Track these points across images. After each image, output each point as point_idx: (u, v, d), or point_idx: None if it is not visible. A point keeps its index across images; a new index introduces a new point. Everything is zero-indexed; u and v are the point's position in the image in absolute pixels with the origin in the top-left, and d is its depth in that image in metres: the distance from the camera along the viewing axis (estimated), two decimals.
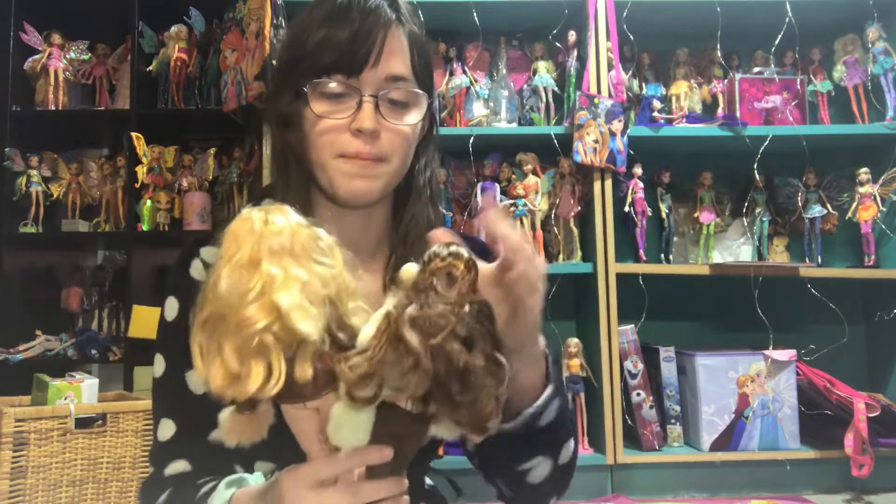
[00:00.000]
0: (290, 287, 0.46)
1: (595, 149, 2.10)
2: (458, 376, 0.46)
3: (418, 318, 0.46)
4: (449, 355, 0.45)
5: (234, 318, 0.45)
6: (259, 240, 0.48)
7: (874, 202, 2.17)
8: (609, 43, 2.17)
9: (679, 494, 2.06)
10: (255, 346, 0.44)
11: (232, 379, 0.45)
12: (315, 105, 0.76)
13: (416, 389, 0.46)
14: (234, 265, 0.46)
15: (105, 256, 2.65)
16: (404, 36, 0.78)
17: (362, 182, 0.76)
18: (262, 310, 0.45)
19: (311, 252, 0.49)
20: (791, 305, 2.21)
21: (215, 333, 0.45)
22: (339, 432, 0.49)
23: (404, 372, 0.45)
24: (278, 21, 2.05)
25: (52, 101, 2.40)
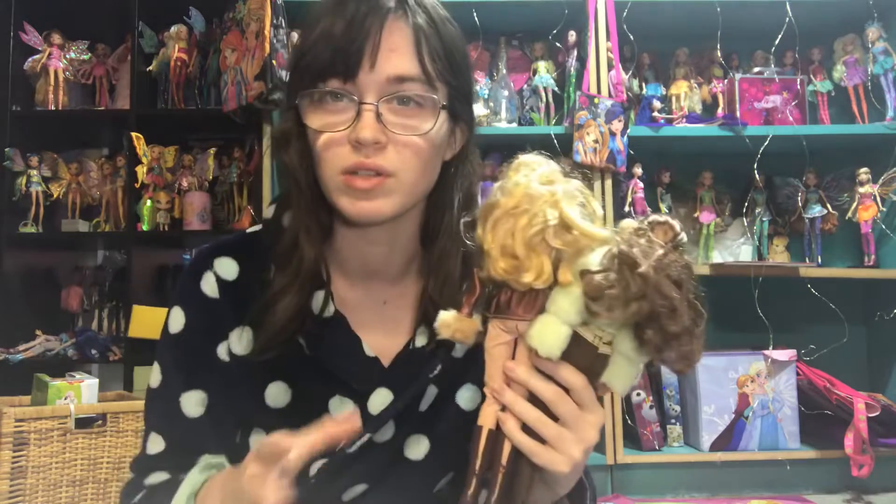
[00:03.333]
0: (572, 204, 0.56)
1: (595, 149, 2.10)
2: (672, 308, 0.53)
3: (648, 251, 0.53)
4: (666, 290, 0.52)
5: (529, 214, 0.54)
6: (550, 170, 0.59)
7: (874, 202, 2.16)
8: (609, 43, 2.17)
9: (679, 494, 2.06)
10: (540, 241, 0.54)
11: (514, 266, 0.54)
12: (310, 118, 0.68)
13: (636, 313, 0.53)
14: (533, 179, 0.57)
15: (105, 256, 2.65)
16: (408, 27, 0.67)
17: (367, 204, 0.67)
18: (547, 215, 0.54)
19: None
20: (791, 305, 2.21)
21: (509, 225, 0.54)
22: (543, 337, 0.55)
23: (631, 297, 0.52)
24: (278, 21, 2.05)
25: (52, 101, 2.40)
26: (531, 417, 0.57)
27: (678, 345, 0.54)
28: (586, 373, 0.58)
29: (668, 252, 0.54)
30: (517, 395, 0.57)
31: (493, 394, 0.59)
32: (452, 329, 0.60)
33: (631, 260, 0.53)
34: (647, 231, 0.55)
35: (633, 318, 0.54)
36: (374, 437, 0.73)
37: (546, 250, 0.54)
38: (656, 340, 0.54)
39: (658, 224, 0.56)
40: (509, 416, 0.57)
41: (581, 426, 0.57)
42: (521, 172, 0.58)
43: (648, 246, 0.54)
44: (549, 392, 0.57)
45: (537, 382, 0.57)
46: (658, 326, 0.53)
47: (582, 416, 0.58)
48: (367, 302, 0.77)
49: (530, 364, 0.57)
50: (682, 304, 0.53)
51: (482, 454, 0.59)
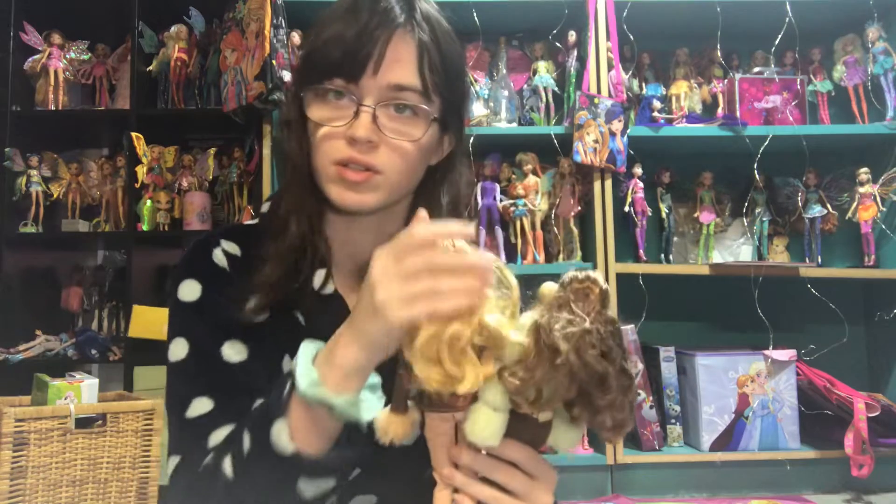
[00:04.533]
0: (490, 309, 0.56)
1: (595, 149, 2.10)
2: (600, 383, 0.53)
3: (568, 332, 0.52)
4: (593, 365, 0.52)
5: (449, 334, 0.54)
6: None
7: (874, 202, 2.17)
8: (609, 43, 2.17)
9: (679, 494, 2.06)
10: (465, 352, 0.54)
11: (447, 379, 0.54)
12: (313, 110, 0.73)
13: (565, 394, 0.53)
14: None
15: (105, 256, 2.65)
16: (413, 41, 0.72)
17: (355, 195, 0.72)
18: (469, 327, 0.54)
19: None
20: (791, 305, 2.21)
21: (434, 347, 0.54)
22: (480, 431, 0.56)
23: (557, 379, 0.52)
24: (278, 21, 2.05)
25: (52, 101, 2.40)
26: (486, 495, 0.59)
27: (608, 415, 0.54)
28: (531, 443, 0.59)
29: (594, 321, 0.53)
30: (467, 477, 0.59)
31: (443, 479, 0.61)
32: (390, 434, 0.60)
33: (551, 348, 0.52)
34: (569, 296, 0.54)
35: (562, 399, 0.54)
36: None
37: (468, 354, 0.54)
38: (586, 415, 0.55)
39: (577, 283, 0.55)
40: (465, 498, 0.59)
41: (536, 494, 0.60)
42: None
43: (569, 321, 0.53)
44: (498, 473, 0.59)
45: (484, 465, 0.59)
46: (586, 402, 0.54)
47: (534, 485, 0.60)
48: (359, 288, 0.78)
49: (473, 448, 0.59)
50: (611, 375, 0.53)
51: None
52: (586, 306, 0.54)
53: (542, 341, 0.53)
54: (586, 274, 0.55)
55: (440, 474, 0.61)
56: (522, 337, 0.55)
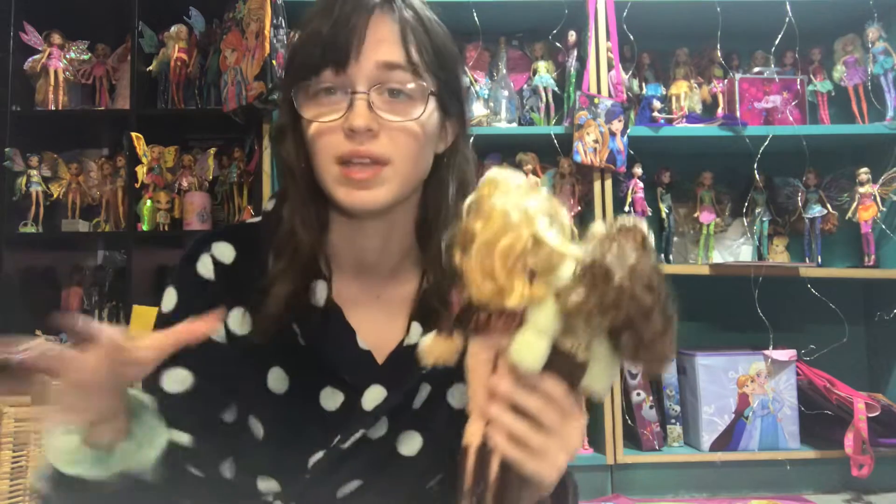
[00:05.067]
0: (544, 220, 0.57)
1: (595, 149, 2.10)
2: (647, 314, 0.54)
3: (621, 260, 0.54)
4: (640, 297, 0.54)
5: (503, 244, 0.55)
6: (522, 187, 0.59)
7: (874, 202, 2.17)
8: (609, 43, 2.17)
9: (679, 494, 2.06)
10: (517, 266, 0.55)
11: (497, 291, 0.55)
12: (305, 109, 0.70)
13: (612, 322, 0.54)
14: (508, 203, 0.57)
15: (105, 256, 2.65)
16: (395, 22, 0.70)
17: (364, 193, 0.69)
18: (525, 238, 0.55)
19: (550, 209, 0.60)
20: (791, 305, 2.21)
21: (490, 254, 0.55)
22: (524, 354, 0.57)
23: (606, 308, 0.54)
24: (278, 21, 2.05)
25: (52, 101, 2.40)
26: (518, 430, 0.58)
27: (652, 348, 0.56)
28: (567, 380, 0.59)
29: (640, 257, 0.55)
30: (502, 409, 0.59)
31: (477, 410, 0.61)
32: (434, 356, 0.62)
33: (604, 271, 0.54)
34: (617, 237, 0.56)
35: (610, 326, 0.55)
36: (367, 433, 0.74)
37: (523, 271, 0.56)
38: (631, 345, 0.56)
39: (626, 229, 0.57)
40: (497, 430, 0.59)
41: (565, 434, 0.59)
42: (495, 193, 0.59)
43: (620, 253, 0.55)
44: (533, 404, 0.58)
45: (522, 396, 0.58)
46: (632, 332, 0.55)
47: (565, 423, 0.59)
48: (362, 297, 0.78)
49: (513, 378, 0.59)
50: (656, 308, 0.55)
51: (472, 473, 0.60)
52: (634, 246, 0.56)
53: (595, 267, 0.54)
54: (634, 221, 0.57)
55: (476, 405, 0.61)
56: (579, 251, 0.56)
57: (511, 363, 0.58)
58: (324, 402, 0.74)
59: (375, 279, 0.78)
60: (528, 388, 0.58)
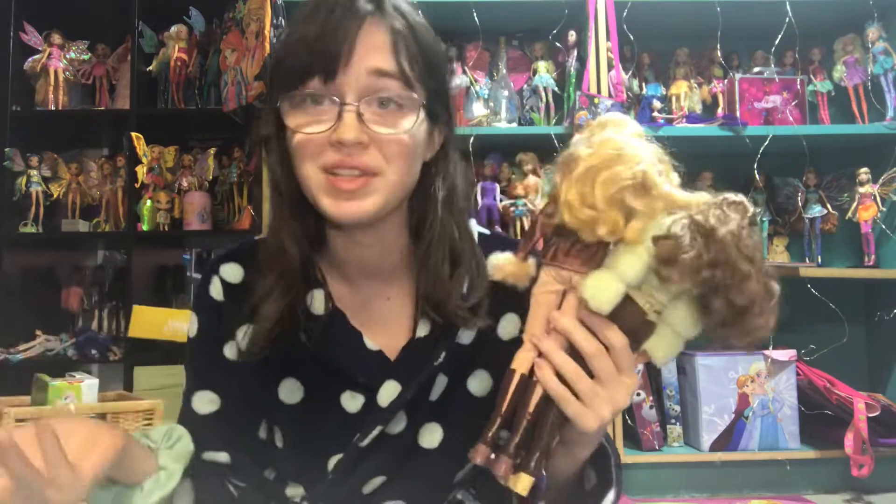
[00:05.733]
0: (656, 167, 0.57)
1: None
2: (741, 281, 0.53)
3: (724, 220, 0.54)
4: (738, 261, 0.53)
5: (610, 172, 0.54)
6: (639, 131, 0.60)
7: (874, 202, 2.16)
8: (609, 43, 2.17)
9: (679, 494, 2.06)
10: (620, 198, 0.54)
11: (592, 217, 0.55)
12: (290, 118, 0.68)
13: (706, 282, 0.53)
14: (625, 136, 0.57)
15: (105, 256, 2.65)
16: (386, 30, 0.68)
17: (351, 204, 0.67)
18: (633, 173, 0.55)
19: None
20: (791, 305, 2.18)
21: (593, 180, 0.55)
22: (599, 292, 0.56)
23: (703, 265, 0.53)
24: (278, 21, 2.05)
25: (52, 101, 2.40)
26: (569, 368, 0.58)
27: (744, 318, 0.55)
28: (630, 336, 0.58)
29: (744, 227, 0.54)
30: (557, 344, 0.59)
31: (532, 340, 0.60)
32: (505, 272, 0.62)
33: (708, 227, 0.53)
34: (723, 205, 0.56)
35: (701, 286, 0.54)
36: (385, 429, 0.75)
37: (622, 207, 0.55)
38: (723, 311, 0.54)
39: (732, 203, 0.56)
40: (545, 363, 0.59)
41: (615, 386, 0.59)
42: (610, 129, 0.58)
43: (724, 216, 0.54)
44: (590, 346, 0.58)
45: (580, 335, 0.58)
46: (725, 298, 0.54)
47: (618, 376, 0.59)
48: (368, 300, 0.78)
49: (576, 316, 0.58)
50: (753, 277, 0.54)
51: (510, 397, 0.60)
52: (739, 217, 0.56)
53: (699, 223, 0.53)
54: (740, 196, 0.57)
55: (531, 334, 0.61)
56: (689, 197, 0.56)
57: (581, 299, 0.57)
58: (346, 405, 0.75)
59: (378, 282, 0.79)
60: (588, 330, 0.58)
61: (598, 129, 0.58)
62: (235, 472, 0.76)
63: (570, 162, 0.57)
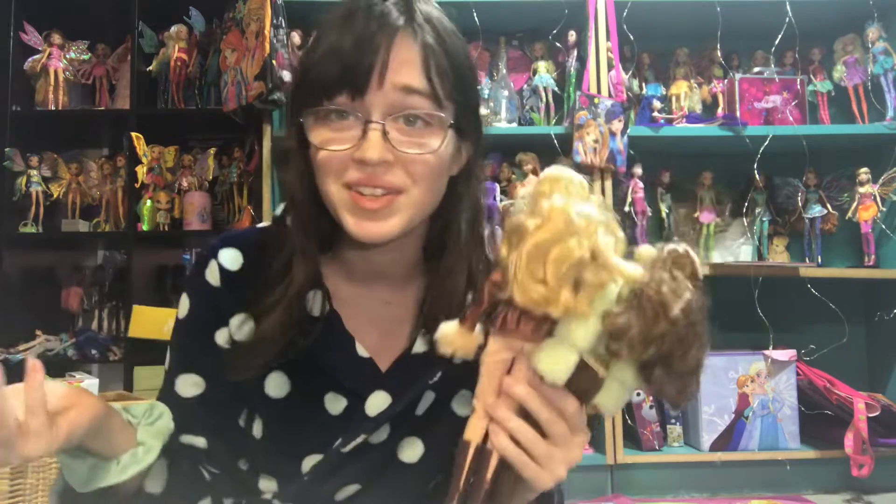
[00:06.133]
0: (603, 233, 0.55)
1: (595, 149, 2.10)
2: (686, 349, 0.53)
3: (678, 293, 0.53)
4: (685, 334, 0.53)
5: (560, 247, 0.53)
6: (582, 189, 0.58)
7: (874, 202, 2.17)
8: (609, 43, 2.17)
9: (679, 494, 2.06)
10: (569, 274, 0.54)
11: (544, 297, 0.54)
12: (314, 133, 0.67)
13: (651, 354, 0.54)
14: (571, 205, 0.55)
15: (105, 256, 2.65)
16: (417, 44, 0.66)
17: (374, 225, 0.66)
18: (584, 247, 0.54)
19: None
20: (791, 305, 2.21)
21: (543, 257, 0.54)
22: (553, 365, 0.56)
23: (651, 340, 0.53)
24: (278, 21, 2.05)
25: (52, 101, 2.40)
26: (525, 435, 0.58)
27: (682, 384, 0.55)
28: (582, 396, 0.59)
29: (693, 292, 0.54)
30: (511, 412, 0.59)
31: (485, 408, 0.60)
32: (455, 346, 0.61)
33: (662, 303, 0.53)
34: (669, 263, 0.55)
35: (647, 357, 0.54)
36: (369, 438, 0.74)
37: (570, 280, 0.54)
38: (662, 380, 0.55)
39: (678, 256, 0.56)
40: (501, 432, 0.59)
41: (569, 447, 0.59)
42: (555, 192, 0.56)
43: (675, 285, 0.54)
44: (546, 414, 0.58)
45: (536, 404, 0.58)
46: (668, 367, 0.54)
47: (572, 438, 0.59)
48: (369, 302, 0.77)
49: (529, 384, 0.58)
50: (695, 345, 0.54)
51: (468, 470, 0.60)
52: (686, 276, 0.55)
53: (650, 297, 0.53)
54: (685, 248, 0.56)
55: (483, 402, 0.60)
56: (638, 271, 0.55)
57: (534, 370, 0.57)
58: (328, 406, 0.75)
59: (384, 286, 0.78)
60: (542, 397, 0.58)
61: (544, 187, 0.57)
62: (210, 457, 0.75)
63: (519, 234, 0.55)
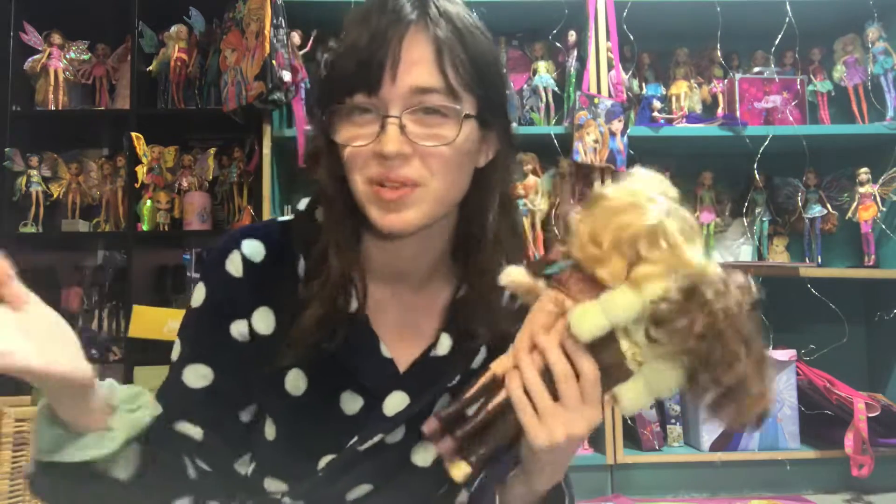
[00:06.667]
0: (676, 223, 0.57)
1: (595, 149, 2.10)
2: (729, 362, 0.53)
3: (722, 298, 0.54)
4: (730, 340, 0.53)
5: (626, 216, 0.56)
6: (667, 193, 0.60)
7: (874, 202, 2.17)
8: (609, 43, 2.17)
9: (679, 494, 2.06)
10: (628, 244, 0.55)
11: (595, 256, 0.57)
12: (339, 132, 0.68)
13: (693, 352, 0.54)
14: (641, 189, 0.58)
15: (105, 256, 2.65)
16: (429, 39, 0.67)
17: (395, 216, 0.67)
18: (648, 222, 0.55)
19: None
20: (791, 305, 2.21)
21: (607, 221, 0.56)
22: (584, 321, 0.57)
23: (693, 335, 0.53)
24: (278, 21, 2.05)
25: (52, 101, 2.40)
26: (535, 385, 0.59)
27: (728, 399, 0.55)
28: (603, 373, 0.59)
29: (743, 304, 0.55)
30: (532, 362, 0.60)
31: (514, 352, 0.62)
32: (513, 282, 0.63)
33: (705, 298, 0.54)
34: (728, 282, 0.56)
35: (688, 355, 0.54)
36: (385, 438, 0.74)
37: (627, 253, 0.56)
38: (707, 388, 0.55)
39: (739, 283, 0.57)
40: (516, 374, 0.60)
41: (575, 414, 0.59)
42: (645, 181, 0.60)
43: (725, 291, 0.55)
44: (561, 368, 0.59)
45: (554, 355, 0.59)
46: (712, 374, 0.54)
47: (581, 405, 0.59)
48: (392, 304, 0.77)
49: (559, 340, 0.60)
50: (744, 360, 0.53)
51: (478, 388, 0.63)
52: (741, 297, 0.56)
53: (697, 290, 0.54)
54: (749, 280, 0.57)
55: (516, 346, 0.62)
56: (702, 258, 0.56)
57: (566, 324, 0.59)
58: (344, 406, 0.74)
59: (407, 288, 0.77)
60: (563, 351, 0.59)
61: (633, 177, 0.60)
62: (203, 452, 0.72)
63: (596, 199, 0.59)
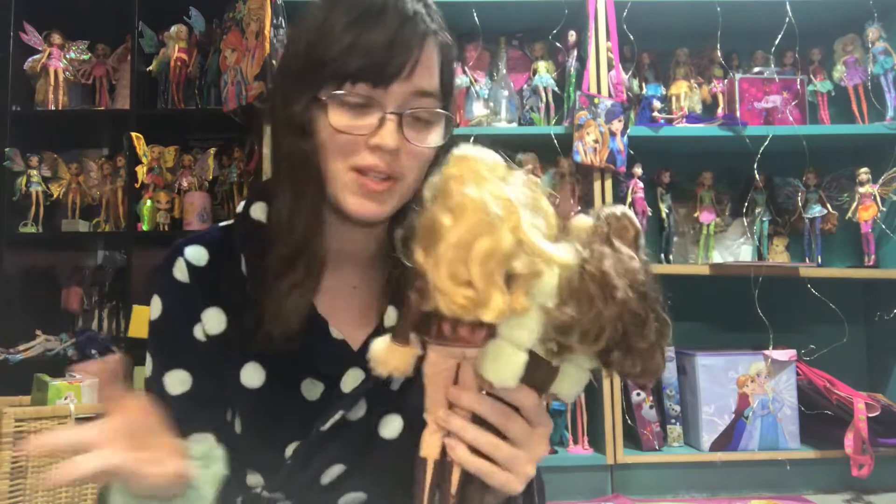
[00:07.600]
0: (528, 217, 0.49)
1: (595, 149, 2.10)
2: (642, 325, 0.49)
3: (621, 269, 0.48)
4: (637, 308, 0.48)
5: (482, 243, 0.47)
6: (499, 178, 0.51)
7: (874, 202, 2.17)
8: (609, 43, 2.17)
9: (679, 494, 2.06)
10: (499, 272, 0.47)
11: (472, 301, 0.48)
12: (334, 117, 0.69)
13: (609, 334, 0.48)
14: (485, 194, 0.49)
15: (105, 256, 2.65)
16: (437, 50, 0.72)
17: (373, 205, 0.71)
18: (508, 238, 0.47)
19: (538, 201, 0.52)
20: (791, 305, 2.21)
21: (464, 258, 0.48)
22: (501, 370, 0.52)
23: (604, 323, 0.48)
24: (278, 21, 2.05)
25: (52, 101, 2.40)
26: (484, 442, 0.56)
27: (642, 361, 0.51)
28: (538, 388, 0.56)
29: (635, 259, 0.50)
30: (464, 422, 0.56)
31: (437, 422, 0.57)
32: (389, 365, 0.56)
33: (606, 283, 0.48)
34: (607, 231, 0.50)
35: (603, 345, 0.50)
36: (347, 415, 0.75)
37: (501, 276, 0.48)
38: (621, 360, 0.51)
39: (615, 219, 0.51)
40: (458, 442, 0.56)
41: (532, 443, 0.58)
42: (466, 177, 0.51)
43: (617, 257, 0.49)
44: (501, 416, 0.56)
45: (487, 408, 0.56)
46: (626, 347, 0.50)
47: (533, 433, 0.58)
48: (338, 287, 0.79)
49: (475, 388, 0.56)
50: (650, 318, 0.49)
51: (430, 487, 0.57)
52: (624, 244, 0.50)
53: (592, 279, 0.48)
54: (623, 210, 0.51)
55: (434, 416, 0.57)
56: (571, 257, 0.49)
57: (483, 378, 0.53)
58: (306, 393, 0.75)
59: (351, 270, 0.80)
60: (493, 399, 0.56)
61: (454, 170, 0.51)
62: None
63: (432, 232, 0.49)
